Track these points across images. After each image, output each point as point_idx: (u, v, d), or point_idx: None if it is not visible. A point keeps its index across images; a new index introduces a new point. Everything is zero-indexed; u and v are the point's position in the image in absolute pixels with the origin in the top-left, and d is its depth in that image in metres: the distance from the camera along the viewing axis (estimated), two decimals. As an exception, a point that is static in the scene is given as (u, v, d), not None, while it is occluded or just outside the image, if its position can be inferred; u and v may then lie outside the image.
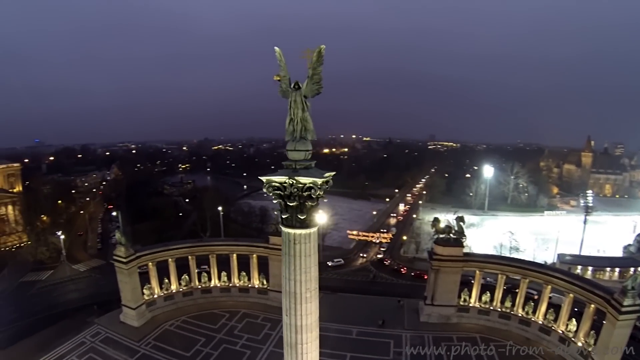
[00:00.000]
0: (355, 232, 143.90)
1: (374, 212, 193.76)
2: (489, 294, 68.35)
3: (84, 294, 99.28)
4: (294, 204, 21.07)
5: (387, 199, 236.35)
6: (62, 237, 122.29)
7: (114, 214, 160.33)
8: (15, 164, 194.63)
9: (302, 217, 21.37)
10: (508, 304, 66.89)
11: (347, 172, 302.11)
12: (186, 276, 79.22)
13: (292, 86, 20.99)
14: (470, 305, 69.22)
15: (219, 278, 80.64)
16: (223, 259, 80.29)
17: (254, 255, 78.25)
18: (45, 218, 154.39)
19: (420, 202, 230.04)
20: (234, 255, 79.11)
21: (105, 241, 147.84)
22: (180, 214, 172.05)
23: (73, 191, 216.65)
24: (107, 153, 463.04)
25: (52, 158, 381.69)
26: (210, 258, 79.10)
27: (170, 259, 76.88)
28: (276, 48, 19.96)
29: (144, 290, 75.20)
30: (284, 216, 22.19)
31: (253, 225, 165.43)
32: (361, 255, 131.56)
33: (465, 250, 70.99)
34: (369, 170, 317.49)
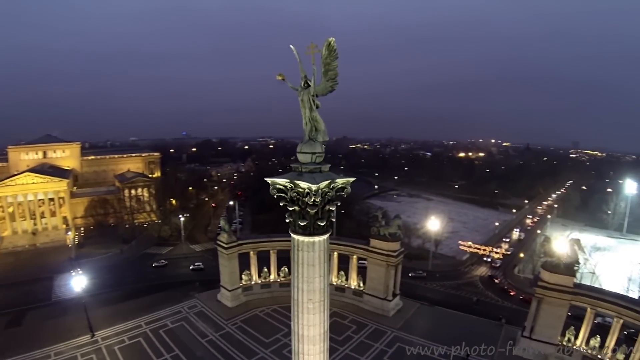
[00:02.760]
0: (468, 244, 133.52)
1: (496, 223, 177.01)
2: (598, 338, 55.97)
3: (193, 270, 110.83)
4: (294, 208, 20.01)
5: (515, 210, 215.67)
6: (182, 219, 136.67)
7: (231, 203, 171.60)
8: (155, 153, 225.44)
9: (302, 224, 20.21)
10: (620, 356, 53.24)
11: (478, 178, 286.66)
12: (285, 268, 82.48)
13: (302, 84, 19.80)
14: (575, 347, 57.39)
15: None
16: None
17: (354, 256, 78.44)
18: (174, 202, 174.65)
19: (549, 216, 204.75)
20: (335, 253, 79.27)
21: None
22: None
23: (205, 180, 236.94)
24: (246, 147, 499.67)
25: (194, 149, 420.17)
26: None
27: (271, 250, 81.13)
28: (292, 46, 18.94)
29: (243, 276, 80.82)
30: (287, 220, 21.31)
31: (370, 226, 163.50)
32: (471, 268, 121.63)
33: (586, 279, 61.35)
34: (501, 177, 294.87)
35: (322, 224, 19.96)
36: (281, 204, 20.62)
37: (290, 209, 20.13)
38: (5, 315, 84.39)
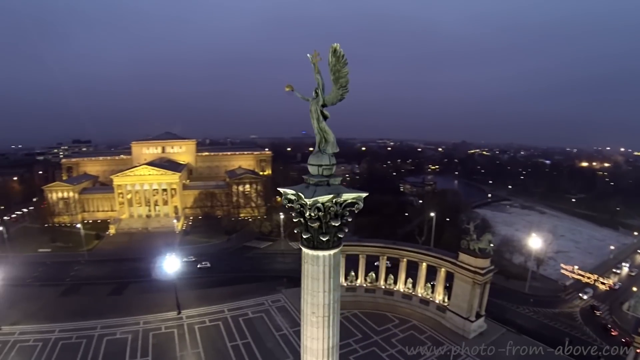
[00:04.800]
0: (570, 268, 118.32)
1: (612, 247, 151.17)
2: None
3: (286, 267, 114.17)
4: (299, 220, 19.49)
5: (637, 233, 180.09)
6: (283, 216, 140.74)
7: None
8: (267, 151, 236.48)
9: (305, 237, 19.59)
10: None
11: (599, 192, 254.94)
12: (373, 274, 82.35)
13: (313, 94, 19.12)
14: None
15: (404, 283, 79.80)
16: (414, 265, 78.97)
17: (442, 269, 74.73)
18: (279, 199, 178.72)
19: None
20: (423, 264, 77.19)
21: None
22: (407, 214, 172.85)
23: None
24: (363, 148, 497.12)
25: (310, 149, 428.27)
26: (400, 262, 78.98)
27: (360, 255, 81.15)
28: (308, 55, 18.37)
29: None
30: (296, 230, 20.73)
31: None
32: (573, 296, 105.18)
33: None
34: (626, 192, 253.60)
35: (324, 239, 19.14)
36: (292, 214, 20.14)
37: (295, 220, 19.65)
38: (111, 284, 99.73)
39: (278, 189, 21.37)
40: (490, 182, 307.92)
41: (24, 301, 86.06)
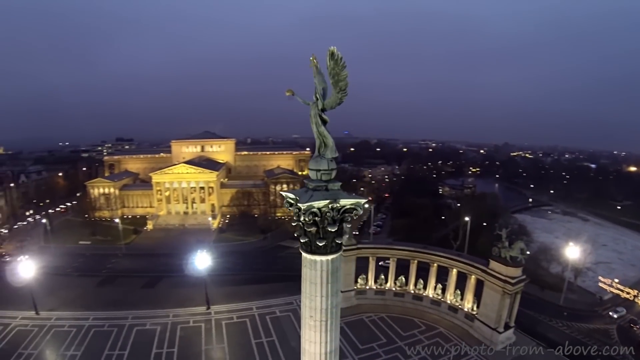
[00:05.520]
0: (609, 281, 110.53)
1: None
2: None
3: None
4: (297, 223, 19.70)
5: None
6: None
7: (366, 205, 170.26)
8: (306, 151, 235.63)
9: (303, 241, 19.90)
10: None
11: None
12: (402, 278, 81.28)
13: (314, 98, 19.11)
14: None
15: (434, 289, 78.68)
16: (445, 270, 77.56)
17: (472, 277, 72.55)
18: None
19: None
20: (454, 270, 75.36)
21: (362, 229, 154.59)
22: (443, 217, 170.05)
23: (354, 180, 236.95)
24: (405, 149, 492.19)
25: (352, 149, 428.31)
26: (430, 267, 77.84)
27: (391, 258, 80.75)
28: (311, 58, 18.37)
29: (359, 279, 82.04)
30: (295, 234, 20.91)
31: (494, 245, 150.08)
32: (608, 312, 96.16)
33: None
34: None
35: (321, 244, 19.20)
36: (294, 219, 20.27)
37: (294, 224, 19.79)
38: (145, 277, 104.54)
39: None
40: (532, 186, 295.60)
41: (63, 289, 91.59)
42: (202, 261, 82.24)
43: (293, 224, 19.82)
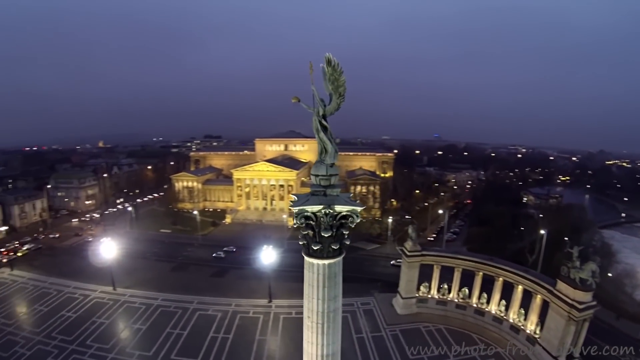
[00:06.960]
0: None
1: None
2: None
3: (386, 271, 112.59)
4: (296, 226, 20.11)
5: None
6: (391, 220, 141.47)
7: (440, 211, 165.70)
8: (389, 154, 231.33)
9: (301, 243, 20.45)
10: None
11: None
12: (466, 290, 78.25)
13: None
14: None
15: (497, 305, 74.77)
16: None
17: (538, 296, 65.77)
18: (394, 202, 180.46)
19: None
20: (519, 287, 69.45)
21: (440, 235, 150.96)
22: (522, 228, 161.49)
23: (437, 184, 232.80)
24: (492, 154, 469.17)
25: (439, 152, 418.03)
26: (495, 280, 74.09)
27: (455, 268, 77.80)
28: (312, 62, 18.74)
29: (421, 287, 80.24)
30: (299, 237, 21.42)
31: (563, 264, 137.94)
32: None
33: None
34: None
35: (316, 248, 19.60)
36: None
37: (295, 226, 20.42)
38: (215, 267, 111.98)
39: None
40: (626, 199, 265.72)
41: (140, 271, 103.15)
42: (268, 256, 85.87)
43: (294, 226, 20.43)
